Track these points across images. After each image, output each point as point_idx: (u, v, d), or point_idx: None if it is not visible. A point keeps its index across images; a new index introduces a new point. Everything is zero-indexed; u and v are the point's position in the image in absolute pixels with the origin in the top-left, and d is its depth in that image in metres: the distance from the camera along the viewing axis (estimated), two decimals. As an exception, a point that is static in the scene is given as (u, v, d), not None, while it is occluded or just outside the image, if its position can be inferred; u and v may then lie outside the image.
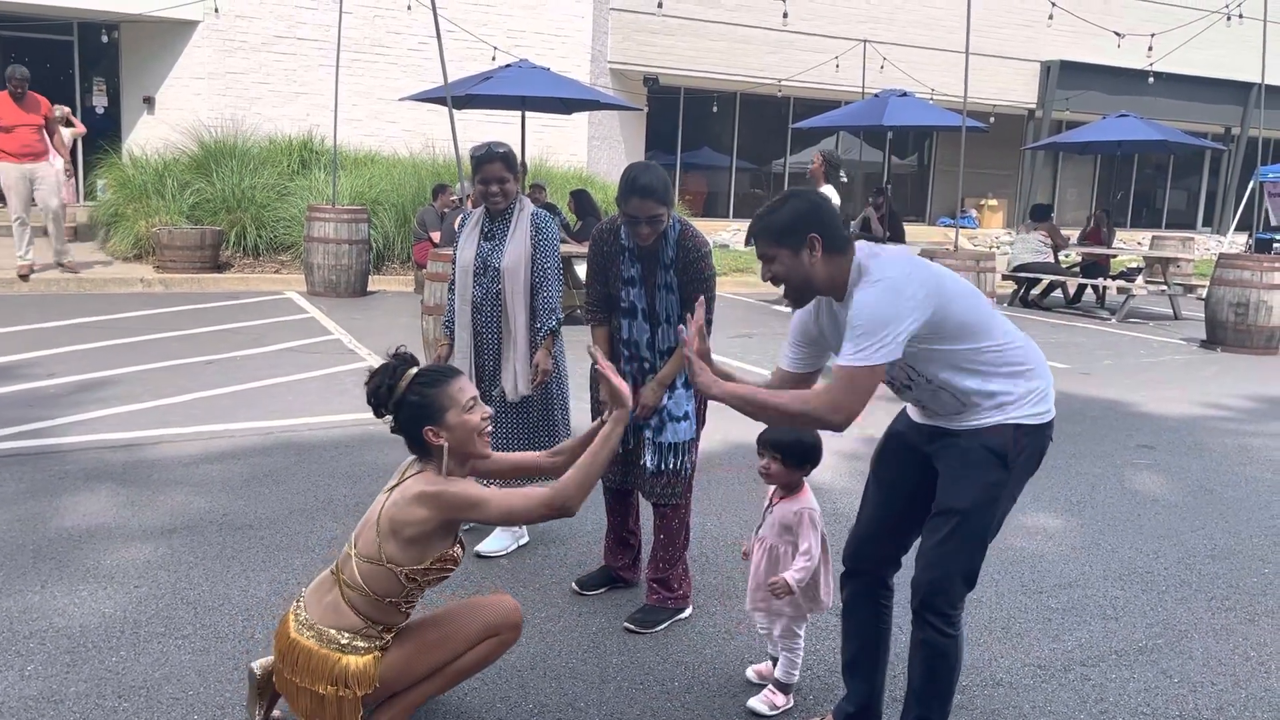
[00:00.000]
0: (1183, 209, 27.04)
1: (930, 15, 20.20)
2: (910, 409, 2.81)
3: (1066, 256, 14.40)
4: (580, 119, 17.09)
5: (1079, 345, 10.48)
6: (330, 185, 12.51)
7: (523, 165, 9.62)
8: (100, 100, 15.44)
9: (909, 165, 23.74)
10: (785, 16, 16.89)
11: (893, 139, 22.09)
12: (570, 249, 9.72)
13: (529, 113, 13.27)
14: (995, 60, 20.51)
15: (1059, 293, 14.55)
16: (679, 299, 3.57)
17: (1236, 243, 20.42)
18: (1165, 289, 13.44)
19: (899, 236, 13.08)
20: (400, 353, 2.76)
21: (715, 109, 20.02)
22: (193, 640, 3.40)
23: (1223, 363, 9.83)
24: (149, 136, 14.75)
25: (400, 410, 2.68)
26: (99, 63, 15.35)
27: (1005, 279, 13.72)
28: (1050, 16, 16.74)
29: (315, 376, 7.32)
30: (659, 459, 3.60)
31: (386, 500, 2.66)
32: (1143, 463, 6.05)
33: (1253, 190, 19.00)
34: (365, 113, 15.81)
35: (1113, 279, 13.96)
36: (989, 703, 3.22)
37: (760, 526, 3.21)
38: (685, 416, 3.59)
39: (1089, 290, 14.06)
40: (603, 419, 2.74)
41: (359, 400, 2.48)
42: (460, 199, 11.01)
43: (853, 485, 5.34)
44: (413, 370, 2.71)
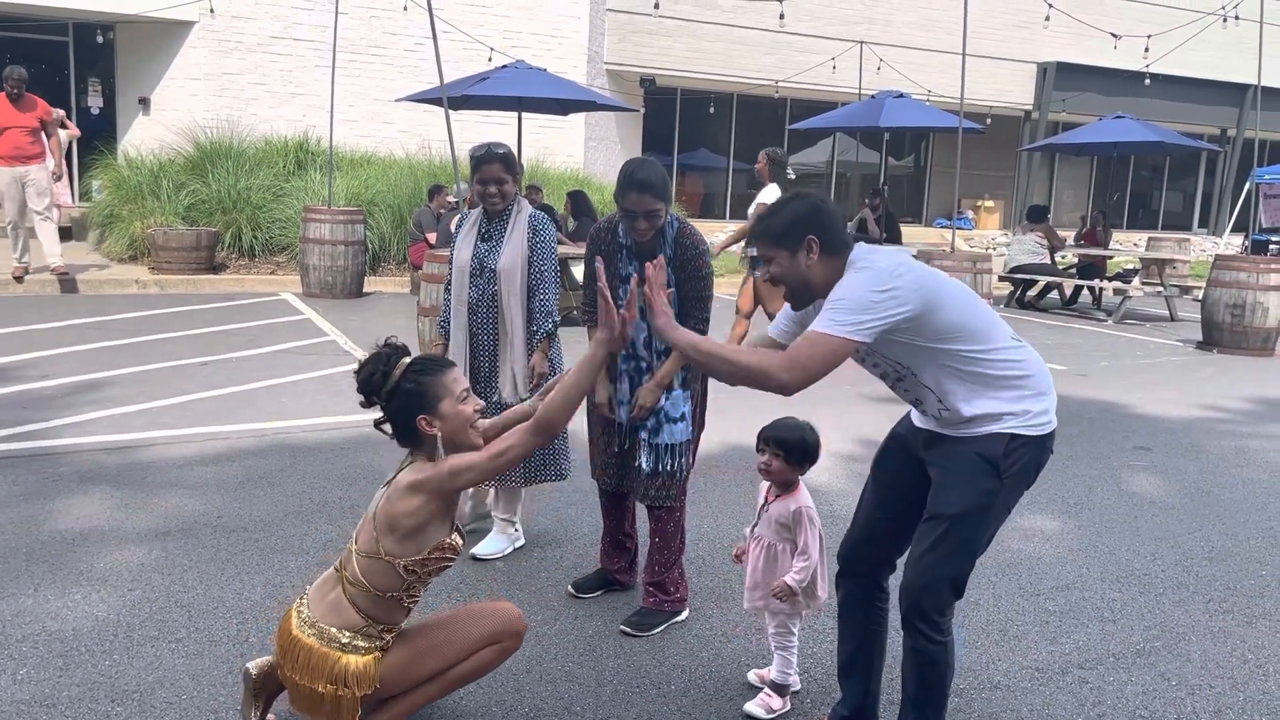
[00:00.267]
0: (1179, 210, 27.07)
1: (927, 16, 20.21)
2: (913, 413, 2.80)
3: (1063, 258, 14.41)
4: (577, 120, 17.07)
5: (1075, 346, 10.48)
6: (326, 186, 12.48)
7: (520, 167, 9.56)
8: (95, 101, 15.40)
9: (905, 166, 23.75)
10: (782, 18, 16.88)
11: (889, 140, 22.10)
12: (566, 250, 9.71)
13: (525, 114, 13.26)
14: (992, 61, 20.52)
15: (1055, 294, 14.57)
16: (677, 297, 3.56)
17: (1232, 244, 20.44)
18: (1161, 290, 13.45)
19: (895, 238, 13.08)
20: (392, 342, 2.72)
21: (712, 110, 20.01)
22: (187, 644, 3.38)
23: (1219, 364, 9.84)
24: (144, 137, 14.71)
25: (393, 399, 2.64)
26: (94, 63, 15.31)
27: (1002, 280, 13.72)
28: (1047, 18, 16.77)
29: (311, 378, 7.30)
30: (655, 460, 3.60)
31: (382, 496, 2.65)
32: (1140, 464, 6.05)
33: (1248, 192, 19.03)
34: (361, 114, 15.79)
35: (1109, 280, 13.97)
36: (986, 705, 3.21)
37: (755, 525, 3.20)
38: (682, 418, 3.58)
39: (1085, 292, 14.07)
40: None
41: (355, 402, 2.47)
42: (457, 201, 11.00)
43: (850, 487, 5.34)
44: (406, 359, 2.68)
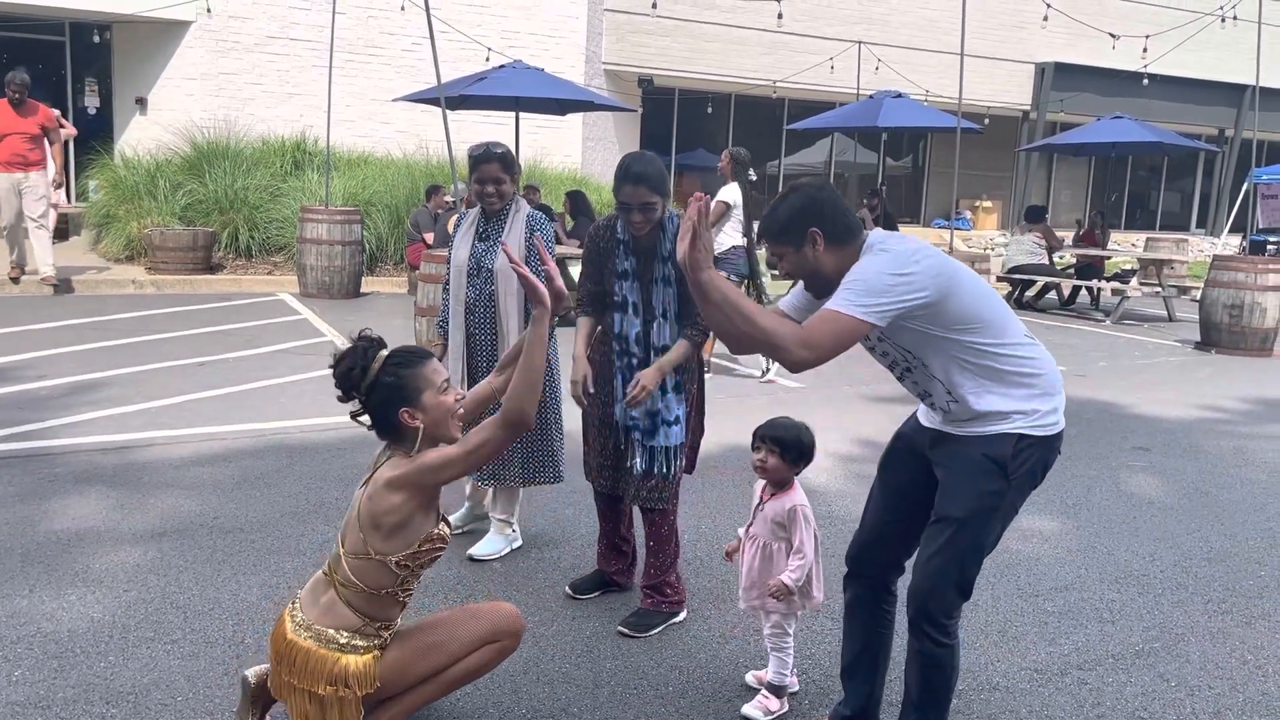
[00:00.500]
0: (1177, 211, 27.09)
1: (925, 17, 20.21)
2: (920, 411, 2.78)
3: (1061, 258, 14.41)
4: (575, 120, 17.06)
5: (1073, 347, 10.48)
6: (323, 186, 12.46)
7: (518, 167, 9.55)
8: (92, 101, 15.37)
9: (904, 167, 23.75)
10: (780, 18, 16.88)
11: (887, 140, 22.11)
12: (565, 250, 9.70)
13: (523, 114, 13.25)
14: (990, 62, 20.52)
15: (1053, 294, 14.56)
16: (677, 293, 3.54)
17: (1230, 244, 20.46)
18: (1159, 291, 13.45)
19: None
20: (367, 335, 2.67)
21: (710, 110, 20.01)
22: (182, 645, 3.36)
23: (1217, 364, 9.83)
24: (141, 137, 14.69)
25: (374, 393, 2.60)
26: (91, 63, 15.29)
27: (1000, 281, 13.72)
28: (1045, 18, 16.77)
29: (308, 378, 7.28)
30: (649, 462, 3.57)
31: (364, 494, 2.62)
32: (1138, 465, 6.04)
33: (1246, 192, 19.05)
34: (359, 114, 15.77)
35: (1107, 280, 13.97)
36: (985, 707, 3.20)
37: (751, 524, 3.19)
38: (676, 421, 3.56)
39: (1083, 292, 14.07)
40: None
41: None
42: (454, 200, 10.98)
43: (847, 487, 5.33)
44: (383, 351, 2.64)
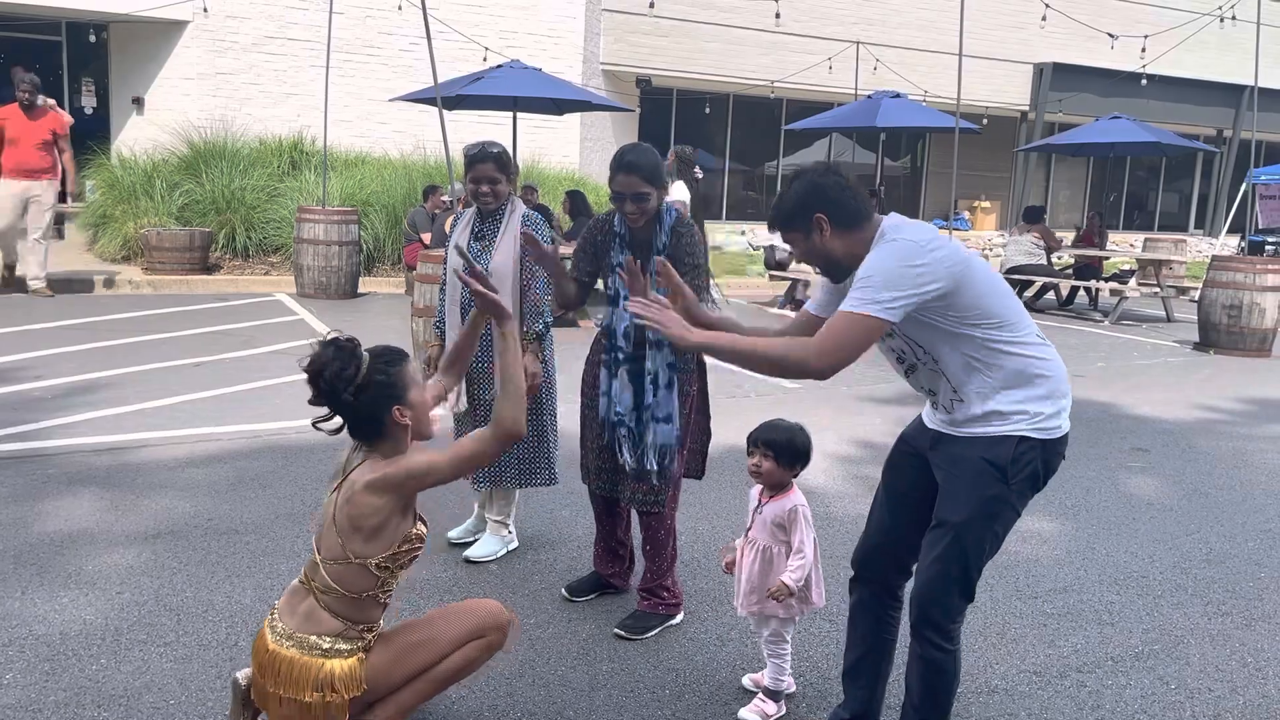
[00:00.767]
0: (1175, 211, 27.09)
1: (923, 17, 20.20)
2: (924, 412, 2.75)
3: (1059, 259, 14.40)
4: (572, 120, 17.04)
5: (1072, 348, 10.46)
6: (320, 186, 12.44)
7: (515, 167, 9.59)
8: (89, 101, 15.34)
9: (902, 167, 23.75)
10: (778, 18, 16.88)
11: (885, 141, 22.08)
12: (563, 250, 9.68)
13: (520, 114, 13.22)
14: (988, 62, 20.51)
15: (1052, 295, 14.55)
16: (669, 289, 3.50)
17: (1229, 245, 20.45)
18: (1158, 291, 13.44)
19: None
20: (343, 336, 2.64)
21: (708, 110, 19.99)
22: (175, 648, 3.34)
23: (1216, 365, 9.82)
24: (138, 137, 14.66)
25: (365, 392, 2.56)
26: (88, 63, 15.26)
27: (998, 281, 13.69)
28: (1043, 18, 16.77)
29: (305, 379, 7.24)
30: (640, 459, 3.51)
31: (338, 499, 2.58)
32: (1137, 466, 6.02)
33: (1245, 193, 19.05)
34: (356, 114, 15.75)
35: (1105, 281, 13.96)
36: (984, 710, 3.17)
37: (749, 529, 3.16)
38: (668, 419, 3.48)
39: (1082, 292, 14.06)
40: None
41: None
42: (451, 201, 10.96)
43: (845, 488, 5.30)
44: (365, 351, 2.61)
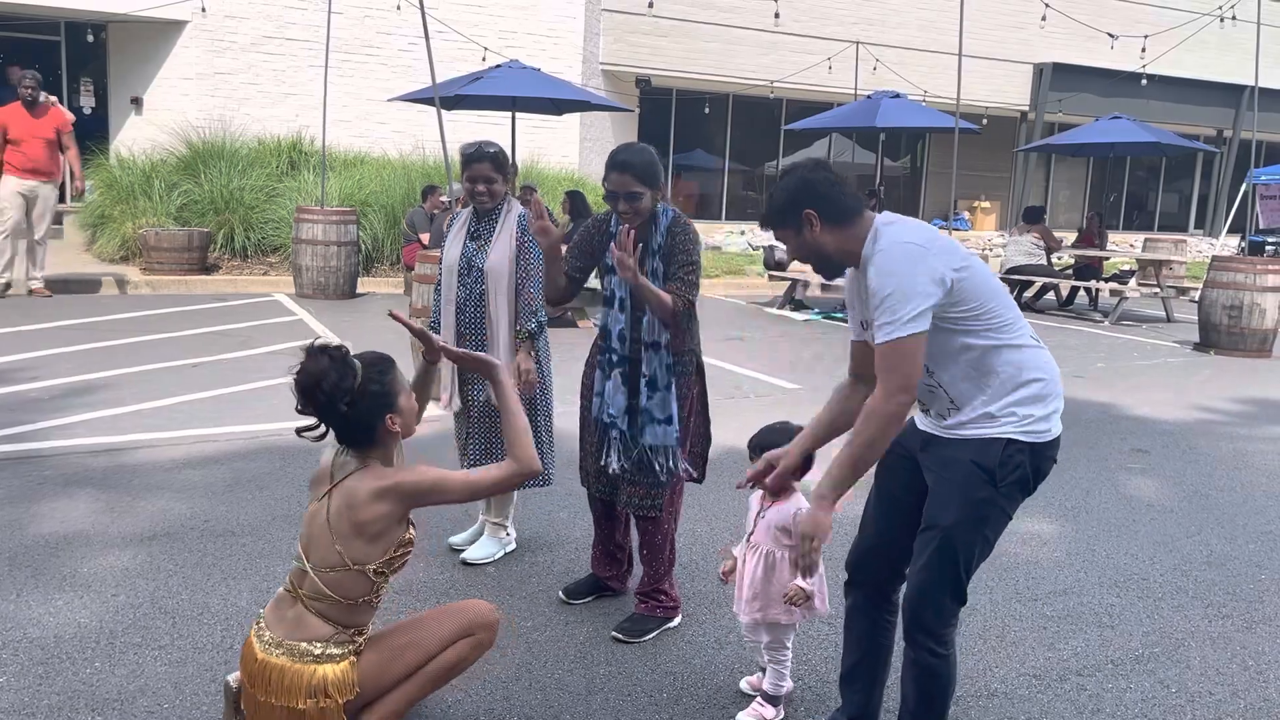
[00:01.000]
0: (1175, 211, 27.07)
1: (923, 17, 20.18)
2: (915, 414, 2.74)
3: (1059, 259, 14.38)
4: (572, 120, 17.02)
5: (1072, 348, 10.44)
6: (319, 187, 12.42)
7: (513, 166, 9.59)
8: (88, 101, 15.31)
9: (901, 167, 23.73)
10: (777, 18, 16.86)
11: (885, 141, 22.05)
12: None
13: (519, 114, 13.20)
14: (988, 62, 20.49)
15: (1051, 295, 14.53)
16: (662, 287, 3.47)
17: (1229, 245, 20.44)
18: (1158, 291, 13.42)
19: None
20: (331, 344, 2.64)
21: (707, 110, 19.97)
22: (170, 651, 3.32)
23: (1216, 365, 9.80)
24: (136, 137, 14.64)
25: (360, 401, 2.58)
26: (86, 63, 15.23)
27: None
28: (1043, 18, 16.76)
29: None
30: (633, 462, 3.48)
31: (330, 506, 2.57)
32: (1137, 467, 6.00)
33: (1245, 193, 19.03)
34: (355, 114, 15.73)
35: (1105, 281, 13.95)
36: (983, 713, 3.16)
37: (751, 534, 3.13)
38: (668, 420, 3.45)
39: (1082, 293, 14.04)
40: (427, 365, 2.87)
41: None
42: (450, 201, 10.94)
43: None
44: (355, 359, 2.62)
